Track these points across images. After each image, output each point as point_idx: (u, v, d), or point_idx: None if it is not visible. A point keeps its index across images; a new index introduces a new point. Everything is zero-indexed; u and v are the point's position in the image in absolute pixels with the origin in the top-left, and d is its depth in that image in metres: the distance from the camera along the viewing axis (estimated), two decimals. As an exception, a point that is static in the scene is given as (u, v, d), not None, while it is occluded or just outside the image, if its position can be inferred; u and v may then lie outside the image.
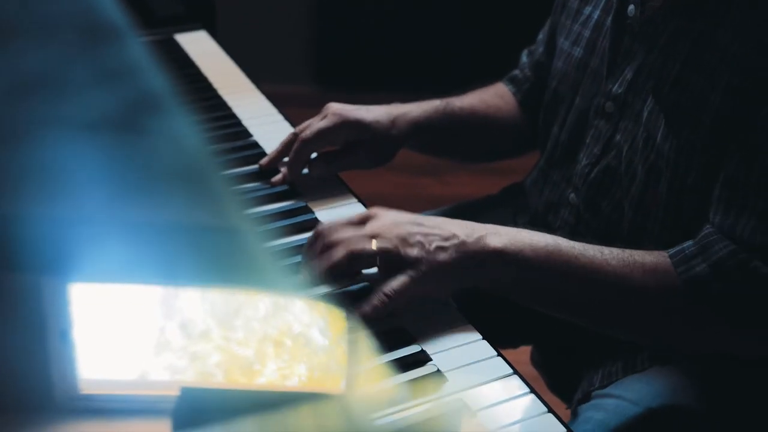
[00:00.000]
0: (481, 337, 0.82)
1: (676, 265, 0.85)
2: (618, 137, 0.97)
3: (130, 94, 0.49)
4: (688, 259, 0.85)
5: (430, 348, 0.80)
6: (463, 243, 0.83)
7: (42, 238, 0.40)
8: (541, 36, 1.24)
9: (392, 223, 0.85)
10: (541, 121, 1.14)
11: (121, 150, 0.47)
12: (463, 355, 0.79)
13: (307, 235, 0.97)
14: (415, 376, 0.76)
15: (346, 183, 1.10)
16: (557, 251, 0.85)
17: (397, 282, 0.82)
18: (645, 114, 0.92)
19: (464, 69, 2.39)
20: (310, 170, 1.09)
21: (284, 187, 1.08)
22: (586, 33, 1.05)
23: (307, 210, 1.03)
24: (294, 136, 1.09)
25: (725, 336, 0.88)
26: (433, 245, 0.83)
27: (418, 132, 1.12)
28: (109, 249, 0.41)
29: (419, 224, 0.85)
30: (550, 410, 0.73)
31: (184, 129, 0.48)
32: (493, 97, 1.22)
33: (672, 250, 0.86)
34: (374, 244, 0.83)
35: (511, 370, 0.78)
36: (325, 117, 1.07)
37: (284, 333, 0.42)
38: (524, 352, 1.22)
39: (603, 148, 0.99)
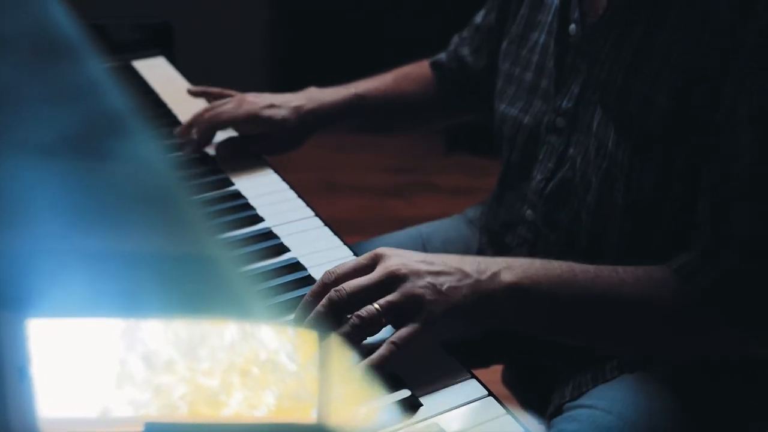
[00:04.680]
0: (454, 359, 0.81)
1: (684, 279, 0.84)
2: (571, 150, 0.98)
3: (88, 118, 0.48)
4: (694, 272, 0.84)
5: (403, 373, 0.78)
6: (477, 282, 0.80)
7: (-5, 271, 0.39)
8: (465, 35, 1.28)
9: (406, 261, 0.80)
10: (494, 145, 1.15)
11: (76, 177, 0.46)
12: (437, 379, 0.78)
13: (271, 261, 0.96)
14: (389, 402, 0.74)
15: (311, 206, 1.09)
16: (573, 278, 0.83)
17: (407, 330, 0.77)
18: (595, 124, 0.93)
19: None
20: (219, 151, 1.19)
21: (250, 213, 1.06)
22: (535, 57, 1.06)
23: (272, 236, 1.02)
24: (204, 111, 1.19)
25: (740, 341, 0.87)
26: (445, 286, 0.79)
27: (326, 125, 1.22)
28: (66, 281, 0.40)
29: (429, 263, 0.80)
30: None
31: (141, 154, 0.47)
32: (410, 83, 1.29)
33: (674, 264, 0.86)
34: (377, 305, 0.78)
35: (485, 392, 0.77)
36: (239, 106, 1.18)
37: (251, 361, 0.41)
38: (495, 371, 1.21)
39: (557, 162, 1.00)
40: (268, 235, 1.02)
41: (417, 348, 0.78)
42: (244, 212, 1.07)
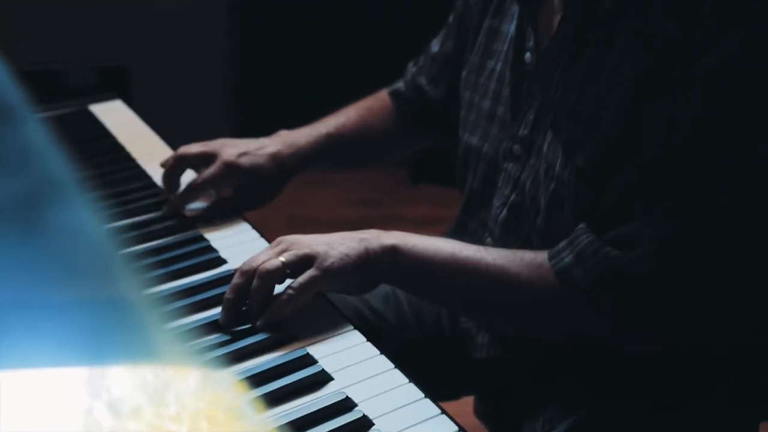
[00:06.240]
0: (423, 395, 0.80)
1: (549, 258, 0.90)
2: (523, 175, 0.99)
3: (28, 177, 0.47)
4: (559, 251, 0.90)
5: (372, 411, 0.78)
6: (364, 239, 0.92)
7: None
8: (422, 63, 1.29)
9: (302, 236, 0.93)
10: (457, 174, 1.15)
11: (34, 230, 0.45)
12: (408, 416, 0.77)
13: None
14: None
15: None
16: (442, 248, 0.93)
17: (303, 277, 0.89)
18: (545, 147, 0.95)
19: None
20: (203, 214, 1.15)
21: (212, 255, 1.05)
22: (492, 85, 1.07)
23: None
24: (174, 160, 1.17)
25: (598, 326, 0.90)
26: (337, 243, 0.92)
27: (303, 169, 1.22)
28: (26, 333, 0.39)
29: (328, 235, 0.94)
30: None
31: (96, 204, 0.46)
32: (375, 117, 1.30)
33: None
34: (281, 258, 0.90)
35: (456, 428, 0.76)
36: (215, 162, 1.14)
37: (216, 406, 0.40)
38: (467, 403, 1.21)
39: (512, 188, 1.01)
40: (229, 278, 1.00)
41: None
42: (207, 255, 1.06)
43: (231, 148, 1.16)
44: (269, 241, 1.09)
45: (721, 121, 0.83)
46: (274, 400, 0.79)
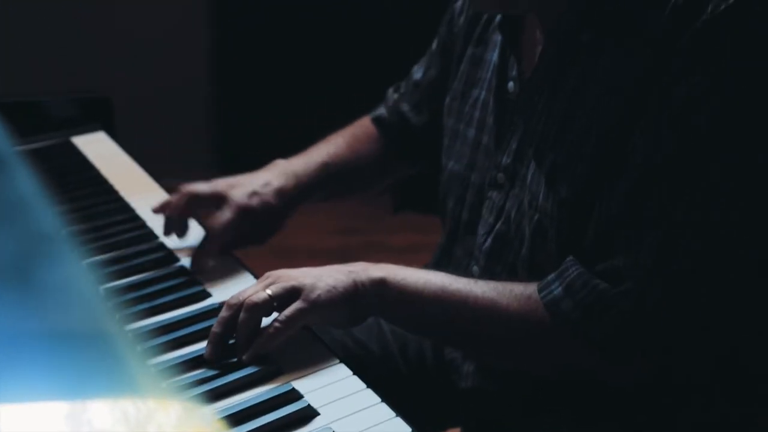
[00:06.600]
0: (410, 430, 0.79)
1: (539, 290, 0.90)
2: (507, 204, 0.99)
3: (9, 212, 0.46)
4: (548, 283, 0.90)
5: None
6: (352, 272, 0.92)
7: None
8: (404, 90, 1.29)
9: (290, 270, 0.93)
10: (440, 200, 1.15)
11: (15, 266, 0.45)
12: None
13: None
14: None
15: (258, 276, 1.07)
16: (432, 281, 0.94)
17: (290, 309, 0.89)
18: (529, 178, 0.95)
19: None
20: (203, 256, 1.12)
21: (196, 289, 1.05)
22: (476, 114, 1.08)
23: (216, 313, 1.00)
24: (186, 202, 1.14)
25: (587, 359, 0.90)
26: (325, 275, 0.91)
27: (303, 201, 1.22)
28: (7, 368, 0.38)
29: (316, 269, 0.93)
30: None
31: (78, 238, 0.46)
32: (363, 144, 1.30)
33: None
34: (267, 291, 0.89)
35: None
36: (227, 209, 1.13)
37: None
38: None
39: (496, 217, 1.02)
40: (214, 312, 0.99)
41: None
42: (191, 288, 1.05)
43: (238, 189, 1.14)
44: (253, 272, 1.09)
45: (706, 142, 0.83)
46: (259, 436, 0.78)
